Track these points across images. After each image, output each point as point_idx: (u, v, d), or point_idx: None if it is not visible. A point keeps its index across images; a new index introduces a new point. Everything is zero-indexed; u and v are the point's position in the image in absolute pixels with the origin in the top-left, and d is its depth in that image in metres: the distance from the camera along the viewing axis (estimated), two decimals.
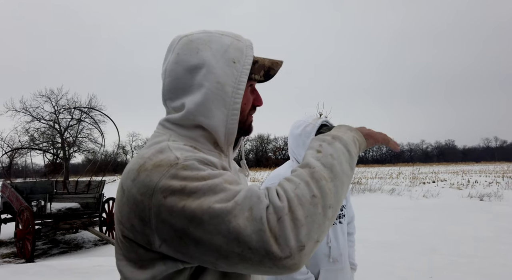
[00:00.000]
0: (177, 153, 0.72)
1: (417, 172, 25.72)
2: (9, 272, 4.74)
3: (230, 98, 0.82)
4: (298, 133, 1.81)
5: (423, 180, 19.29)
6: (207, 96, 0.80)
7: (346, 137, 0.81)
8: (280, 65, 0.89)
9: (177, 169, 0.68)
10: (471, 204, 10.61)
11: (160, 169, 0.68)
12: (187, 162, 0.69)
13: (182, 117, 0.83)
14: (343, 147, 0.78)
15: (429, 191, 13.38)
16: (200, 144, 0.83)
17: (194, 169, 0.69)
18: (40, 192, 7.25)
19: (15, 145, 21.87)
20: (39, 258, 6.50)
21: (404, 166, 45.56)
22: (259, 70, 0.87)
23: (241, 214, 0.62)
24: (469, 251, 5.54)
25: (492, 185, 15.58)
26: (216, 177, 0.69)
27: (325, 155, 0.74)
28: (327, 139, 0.80)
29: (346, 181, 0.73)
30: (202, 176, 0.67)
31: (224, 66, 0.82)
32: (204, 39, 0.85)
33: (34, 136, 24.98)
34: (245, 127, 0.91)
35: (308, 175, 0.69)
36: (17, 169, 17.59)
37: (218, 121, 0.81)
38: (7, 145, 15.66)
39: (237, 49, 0.85)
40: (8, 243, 7.85)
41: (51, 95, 25.86)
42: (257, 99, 0.92)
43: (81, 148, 27.97)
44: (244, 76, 0.83)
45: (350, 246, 2.00)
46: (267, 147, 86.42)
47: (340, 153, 0.76)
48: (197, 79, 0.82)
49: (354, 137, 0.83)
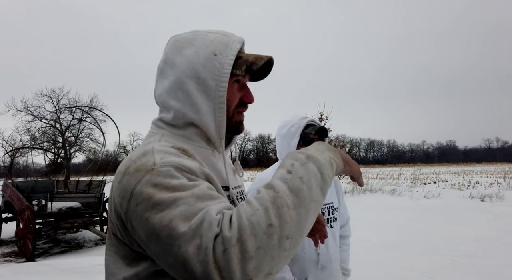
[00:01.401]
0: (157, 157, 0.72)
1: (418, 173, 25.69)
2: (10, 271, 4.75)
3: (214, 92, 0.82)
4: (283, 134, 1.75)
5: (424, 181, 19.26)
6: (190, 92, 0.82)
7: (322, 158, 0.73)
8: (265, 60, 0.86)
9: (151, 175, 0.68)
10: (472, 205, 10.58)
11: (138, 174, 0.69)
12: (162, 169, 0.69)
13: (173, 116, 0.85)
14: (316, 170, 0.70)
15: (430, 192, 13.36)
16: (194, 142, 0.85)
17: (168, 176, 0.68)
18: (41, 192, 7.25)
19: (16, 144, 21.90)
20: (40, 257, 6.51)
21: (405, 166, 45.54)
22: (241, 65, 0.85)
23: (192, 240, 0.60)
24: (470, 251, 5.53)
25: (493, 186, 15.55)
26: (186, 189, 0.67)
27: (295, 178, 0.67)
28: (301, 159, 0.71)
29: (313, 208, 0.66)
30: (172, 186, 0.66)
31: (204, 61, 0.82)
32: (189, 38, 0.86)
33: (35, 136, 25.06)
34: (232, 124, 0.89)
35: (269, 200, 0.63)
36: (18, 168, 17.63)
37: (206, 115, 0.82)
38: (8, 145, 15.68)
39: (221, 43, 0.84)
40: (9, 242, 7.87)
41: (52, 95, 25.97)
42: (247, 95, 0.89)
43: (82, 148, 28.06)
44: (227, 67, 0.82)
45: (344, 250, 1.91)
46: (268, 147, 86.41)
47: (312, 176, 0.68)
48: (180, 77, 0.83)
49: (332, 159, 0.75)
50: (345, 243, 1.93)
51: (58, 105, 25.91)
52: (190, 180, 0.69)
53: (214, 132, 0.84)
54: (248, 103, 0.90)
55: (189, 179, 0.70)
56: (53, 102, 25.94)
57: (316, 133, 1.73)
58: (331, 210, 1.79)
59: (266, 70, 0.94)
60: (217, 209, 0.64)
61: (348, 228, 1.98)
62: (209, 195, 0.68)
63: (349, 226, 1.99)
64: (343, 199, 1.95)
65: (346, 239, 1.94)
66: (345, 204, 1.98)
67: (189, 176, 0.70)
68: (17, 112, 24.42)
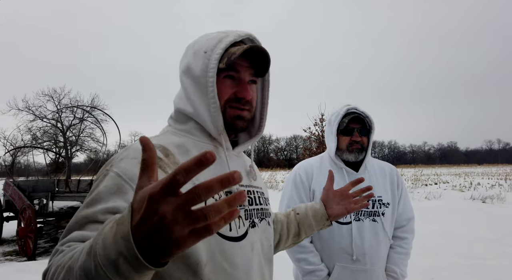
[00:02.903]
0: (119, 157, 0.79)
1: (419, 174, 25.65)
2: (11, 270, 4.76)
3: (206, 87, 0.86)
4: (327, 122, 1.80)
5: (425, 182, 19.22)
6: (187, 90, 0.89)
7: (104, 254, 0.49)
8: (245, 48, 0.82)
9: (103, 175, 0.77)
10: (473, 206, 10.54)
11: (103, 167, 0.81)
12: (109, 172, 0.77)
13: (175, 112, 0.94)
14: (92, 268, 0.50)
15: (431, 193, 13.34)
16: (194, 136, 0.90)
17: (103, 183, 0.75)
18: (42, 191, 7.26)
19: (17, 143, 21.95)
20: (41, 256, 6.52)
21: (406, 167, 45.46)
22: (224, 58, 0.85)
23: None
24: (471, 253, 5.52)
25: (494, 187, 15.51)
26: (95, 202, 0.72)
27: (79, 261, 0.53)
28: (91, 242, 0.52)
29: None
30: (94, 191, 0.75)
31: (197, 60, 0.87)
32: (194, 41, 0.93)
33: (36, 135, 25.10)
34: (227, 120, 0.88)
35: (64, 264, 0.58)
36: (20, 167, 17.70)
37: (203, 110, 0.87)
38: (9, 144, 15.73)
39: (215, 39, 0.86)
40: (10, 241, 7.88)
41: (53, 94, 26.03)
42: (240, 90, 0.87)
43: (83, 147, 28.08)
44: (213, 62, 0.84)
45: (398, 252, 1.70)
46: (269, 147, 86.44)
47: (84, 275, 0.51)
48: (180, 77, 0.93)
49: (119, 258, 0.48)
50: (401, 245, 1.72)
51: (59, 104, 25.97)
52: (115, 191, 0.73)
53: (212, 127, 0.88)
54: (242, 99, 0.87)
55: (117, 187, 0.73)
56: (54, 102, 26.01)
57: (353, 121, 1.72)
58: (377, 204, 1.68)
59: (265, 63, 0.90)
60: (71, 238, 0.67)
61: (408, 229, 1.76)
62: (101, 219, 0.69)
63: (411, 228, 1.78)
64: (404, 196, 1.79)
65: (402, 241, 1.73)
66: (408, 203, 1.80)
67: (119, 183, 0.74)
68: (18, 112, 24.49)
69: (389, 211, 1.70)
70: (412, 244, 1.75)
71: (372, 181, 1.70)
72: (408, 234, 1.75)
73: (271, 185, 18.32)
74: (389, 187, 1.76)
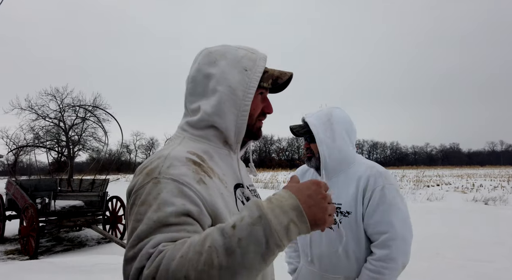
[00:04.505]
0: (165, 165, 0.81)
1: (421, 175, 25.59)
2: (13, 268, 4.77)
3: (241, 101, 0.93)
4: None
5: (427, 183, 19.18)
6: (220, 99, 0.93)
7: (277, 222, 0.66)
8: (288, 75, 0.99)
9: (153, 183, 0.77)
10: (475, 208, 10.51)
11: (145, 177, 0.79)
12: (163, 180, 0.77)
13: (199, 118, 0.95)
14: (261, 236, 0.64)
15: (433, 194, 13.31)
16: (211, 142, 0.95)
17: (161, 189, 0.75)
18: (44, 190, 7.29)
19: (20, 143, 22.05)
20: (43, 255, 6.54)
21: (408, 169, 45.33)
22: (268, 78, 0.98)
23: (130, 264, 0.68)
24: (473, 255, 5.50)
25: (497, 189, 15.47)
26: (161, 207, 0.72)
27: (234, 236, 0.64)
28: (253, 215, 0.66)
29: (243, 275, 0.63)
30: (155, 198, 0.74)
31: (236, 74, 0.94)
32: (222, 51, 0.98)
33: (39, 134, 25.16)
34: (254, 130, 1.01)
35: (198, 251, 0.63)
36: (22, 166, 17.76)
37: (229, 120, 0.93)
38: (12, 143, 15.79)
39: (250, 60, 0.96)
40: (13, 240, 7.91)
41: (56, 94, 26.05)
42: (267, 106, 1.02)
43: (85, 147, 28.14)
44: (254, 82, 0.94)
45: (365, 268, 1.52)
46: (271, 148, 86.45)
47: (252, 242, 0.63)
48: (212, 85, 0.94)
49: (292, 223, 0.67)
50: (370, 261, 1.52)
51: (62, 104, 26.04)
52: (178, 194, 0.75)
53: (233, 136, 0.95)
54: (268, 113, 1.03)
55: (178, 191, 0.75)
56: (57, 101, 26.08)
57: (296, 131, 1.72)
58: None
59: (285, 84, 1.05)
60: (159, 240, 0.68)
61: (379, 245, 1.50)
62: (174, 221, 0.71)
63: (386, 244, 1.49)
64: (380, 207, 1.52)
65: (372, 256, 1.52)
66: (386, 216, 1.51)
67: (180, 187, 0.76)
68: (21, 111, 24.53)
69: (350, 221, 1.55)
70: (389, 264, 1.47)
71: (332, 188, 1.60)
72: (378, 250, 1.50)
73: (273, 185, 18.34)
74: (352, 195, 1.58)
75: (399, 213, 1.53)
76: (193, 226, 0.73)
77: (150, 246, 0.67)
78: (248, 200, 0.98)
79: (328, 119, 1.64)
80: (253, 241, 0.63)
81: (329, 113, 1.66)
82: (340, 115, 1.68)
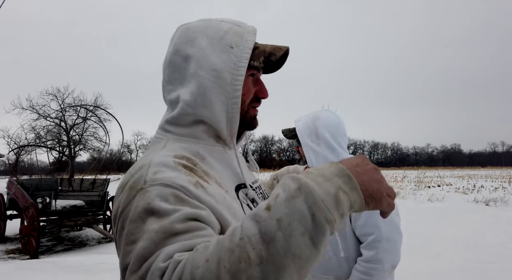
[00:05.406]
0: (150, 172, 0.65)
1: (422, 176, 25.51)
2: (14, 267, 4.78)
3: (229, 85, 0.76)
4: None
5: (428, 184, 19.14)
6: (203, 85, 0.76)
7: (322, 190, 0.51)
8: (284, 50, 0.81)
9: (139, 196, 0.62)
10: (476, 209, 10.49)
11: (129, 193, 0.64)
12: (150, 188, 0.62)
13: (179, 112, 0.78)
14: (305, 209, 0.50)
15: (434, 195, 13.27)
16: (201, 140, 0.79)
17: (152, 197, 0.61)
18: (45, 189, 7.30)
19: (21, 142, 22.08)
20: (44, 254, 6.55)
21: (409, 169, 45.27)
22: (259, 56, 0.80)
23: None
24: (474, 256, 5.49)
25: (498, 190, 15.43)
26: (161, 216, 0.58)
27: (271, 219, 0.49)
28: (290, 189, 0.52)
29: (292, 265, 0.48)
30: (151, 209, 0.59)
31: (221, 53, 0.77)
32: (201, 27, 0.81)
33: (40, 134, 25.22)
34: (247, 120, 0.84)
35: (227, 248, 0.49)
36: (23, 166, 17.76)
37: (218, 111, 0.76)
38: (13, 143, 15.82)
39: (236, 34, 0.79)
40: (13, 239, 7.92)
41: (57, 94, 26.14)
42: (261, 90, 0.84)
43: (86, 146, 28.20)
44: (244, 60, 0.77)
45: (355, 269, 1.53)
46: (272, 148, 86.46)
47: (296, 219, 0.49)
48: (193, 69, 0.77)
49: (339, 192, 0.52)
50: (359, 262, 1.53)
51: (63, 103, 26.09)
52: (176, 201, 0.61)
53: (225, 129, 0.79)
54: (262, 98, 0.85)
55: (175, 198, 0.62)
56: (58, 101, 26.15)
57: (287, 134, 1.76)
58: None
59: (280, 61, 0.88)
60: (171, 251, 0.53)
61: (367, 246, 1.53)
62: (182, 228, 0.57)
63: (373, 246, 1.51)
64: None
65: (360, 258, 1.53)
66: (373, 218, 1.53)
67: (176, 193, 0.62)
68: (22, 111, 24.62)
69: None
70: (376, 265, 1.49)
71: None
72: (366, 251, 1.52)
73: None
74: None
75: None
76: (206, 230, 0.59)
77: (161, 259, 0.52)
78: (253, 202, 0.82)
79: (313, 122, 1.64)
80: (296, 218, 0.49)
81: (315, 117, 1.65)
82: (326, 118, 1.65)
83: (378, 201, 0.56)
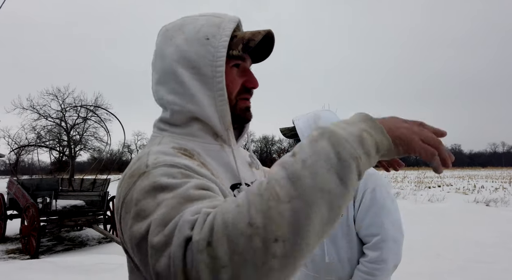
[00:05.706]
0: (150, 159, 0.65)
1: (423, 176, 25.54)
2: (14, 267, 4.78)
3: (212, 79, 0.75)
4: None
5: (429, 184, 19.14)
6: (187, 82, 0.75)
7: (345, 132, 0.53)
8: (263, 34, 0.76)
9: (142, 179, 0.61)
10: (477, 209, 10.49)
11: (130, 180, 0.64)
12: (154, 170, 0.62)
13: (172, 112, 0.78)
14: (329, 148, 0.51)
15: (434, 196, 13.27)
16: (199, 138, 0.78)
17: (159, 175, 0.61)
18: (45, 189, 7.32)
19: (22, 142, 22.10)
20: (44, 254, 6.55)
21: (409, 170, 45.27)
22: (238, 44, 0.76)
23: (164, 250, 0.51)
24: (474, 256, 5.48)
25: (498, 190, 15.43)
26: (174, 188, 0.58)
27: (296, 162, 0.51)
28: (313, 136, 0.54)
29: (321, 201, 0.48)
30: (161, 185, 0.59)
31: (198, 47, 0.75)
32: (178, 25, 0.80)
33: (40, 134, 25.25)
34: (237, 112, 0.81)
35: (256, 192, 0.50)
36: (24, 166, 17.75)
37: (207, 105, 0.75)
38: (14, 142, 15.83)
39: (213, 25, 0.77)
40: (14, 239, 7.92)
41: (58, 93, 26.16)
42: (250, 80, 0.81)
43: (86, 146, 28.22)
44: (222, 50, 0.74)
45: (358, 269, 1.52)
46: (272, 148, 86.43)
47: (320, 158, 0.50)
48: (172, 67, 0.77)
49: (363, 133, 0.53)
50: (362, 263, 1.52)
51: (63, 103, 26.12)
52: (183, 176, 0.61)
53: (218, 124, 0.77)
54: (252, 89, 0.82)
55: (183, 174, 0.62)
56: (58, 101, 26.17)
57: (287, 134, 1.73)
58: None
59: (268, 48, 0.84)
60: (196, 209, 0.53)
61: (371, 247, 1.51)
62: (197, 194, 0.57)
63: (377, 246, 1.50)
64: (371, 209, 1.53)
65: (364, 258, 1.52)
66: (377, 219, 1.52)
67: (183, 171, 0.62)
68: (23, 110, 24.65)
69: (342, 223, 1.56)
70: (380, 266, 1.48)
71: None
72: (371, 251, 1.51)
73: None
74: None
75: (390, 215, 1.55)
76: (221, 197, 0.59)
77: (190, 213, 0.52)
78: None
79: (314, 121, 1.62)
80: (321, 157, 0.50)
81: (316, 116, 1.64)
82: (328, 118, 1.64)
83: (409, 144, 0.56)
